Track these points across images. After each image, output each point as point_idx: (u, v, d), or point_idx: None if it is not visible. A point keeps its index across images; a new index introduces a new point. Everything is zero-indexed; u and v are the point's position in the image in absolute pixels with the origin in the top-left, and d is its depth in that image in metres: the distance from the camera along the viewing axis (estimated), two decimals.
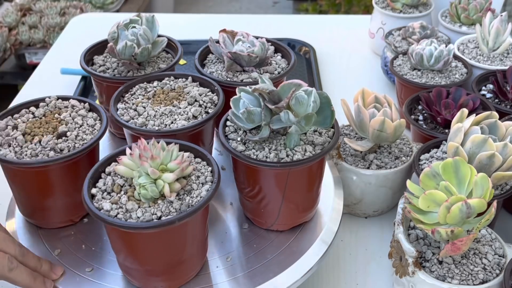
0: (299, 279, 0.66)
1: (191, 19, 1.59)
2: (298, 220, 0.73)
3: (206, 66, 0.87)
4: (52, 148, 0.69)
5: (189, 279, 0.66)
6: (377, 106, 0.79)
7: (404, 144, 0.84)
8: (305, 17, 1.76)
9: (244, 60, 0.81)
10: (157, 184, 0.60)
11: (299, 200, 0.71)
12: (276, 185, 0.68)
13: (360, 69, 1.25)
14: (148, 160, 0.60)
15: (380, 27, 1.24)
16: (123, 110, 0.75)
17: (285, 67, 0.86)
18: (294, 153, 0.67)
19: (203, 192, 0.62)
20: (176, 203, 0.61)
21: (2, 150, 0.69)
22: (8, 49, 2.36)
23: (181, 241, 0.62)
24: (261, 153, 0.67)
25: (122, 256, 0.64)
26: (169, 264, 0.63)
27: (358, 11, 2.81)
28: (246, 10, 3.69)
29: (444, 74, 0.96)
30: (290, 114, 0.64)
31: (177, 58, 0.88)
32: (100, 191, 0.63)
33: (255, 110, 0.65)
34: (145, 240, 0.60)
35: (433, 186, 0.63)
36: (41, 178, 0.69)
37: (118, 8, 2.69)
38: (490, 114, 0.73)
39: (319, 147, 0.68)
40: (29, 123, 0.72)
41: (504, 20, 1.01)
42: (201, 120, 0.73)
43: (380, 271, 0.76)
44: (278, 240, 0.71)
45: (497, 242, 0.68)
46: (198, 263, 0.67)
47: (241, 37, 0.83)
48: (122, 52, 0.82)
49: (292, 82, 0.66)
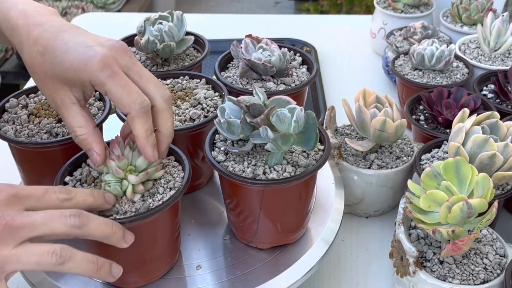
0: (300, 278, 0.66)
1: (193, 19, 1.59)
2: (279, 241, 0.70)
3: (228, 69, 0.86)
4: (48, 131, 0.70)
5: (154, 280, 0.66)
6: (378, 106, 0.79)
7: (405, 144, 0.84)
8: (306, 17, 1.76)
9: (260, 68, 0.80)
10: (122, 183, 0.60)
11: (278, 220, 0.67)
12: (252, 201, 0.66)
13: (361, 69, 1.25)
14: (116, 160, 0.60)
15: (381, 27, 1.24)
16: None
17: (304, 79, 0.83)
18: (271, 171, 0.63)
19: (166, 197, 0.61)
20: (138, 203, 0.61)
21: (6, 126, 0.71)
22: (10, 49, 2.37)
23: (140, 242, 0.61)
24: (239, 166, 0.64)
25: (91, 251, 0.62)
26: (131, 262, 0.62)
27: (359, 11, 2.81)
28: (248, 10, 3.69)
29: (446, 74, 0.96)
30: (269, 131, 0.60)
31: (201, 57, 0.88)
32: (73, 180, 0.63)
33: (234, 122, 0.62)
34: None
35: (434, 186, 0.63)
36: (35, 159, 0.71)
37: (120, 8, 2.69)
38: (491, 114, 0.73)
39: (301, 169, 0.64)
40: (38, 105, 0.75)
41: (505, 20, 1.01)
42: (197, 123, 0.73)
43: (381, 271, 0.76)
44: (254, 258, 0.68)
45: (498, 242, 0.68)
46: (163, 265, 0.66)
47: (264, 45, 0.81)
48: (144, 46, 0.84)
49: (281, 98, 0.63)
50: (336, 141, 0.81)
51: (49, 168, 0.70)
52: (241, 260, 0.69)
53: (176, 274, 0.67)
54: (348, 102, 0.81)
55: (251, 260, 0.68)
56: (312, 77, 0.83)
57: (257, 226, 0.68)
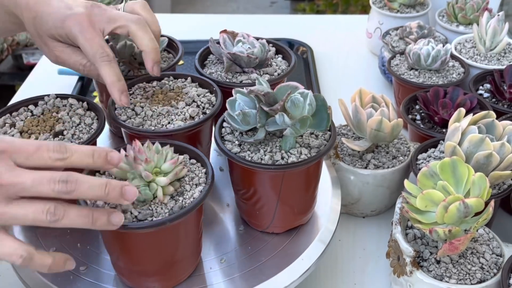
0: (296, 279, 0.66)
1: (189, 19, 1.59)
2: (294, 223, 0.73)
3: (206, 66, 0.87)
4: None
5: (182, 280, 0.66)
6: (374, 106, 0.79)
7: (402, 143, 0.84)
8: (302, 17, 1.76)
9: (244, 61, 0.81)
10: (150, 187, 0.60)
11: (294, 203, 0.70)
12: (271, 188, 0.68)
13: (358, 69, 1.25)
14: (142, 163, 0.60)
15: (377, 27, 1.24)
16: (121, 109, 0.75)
17: (285, 68, 0.86)
18: (289, 155, 0.66)
19: (196, 194, 0.62)
20: (169, 204, 0.61)
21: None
22: (5, 50, 2.36)
23: (174, 242, 0.62)
24: (256, 155, 0.66)
25: (115, 256, 0.64)
26: (162, 265, 0.63)
27: (355, 11, 2.81)
28: (244, 10, 3.69)
29: (442, 73, 0.96)
30: (285, 117, 0.63)
31: (177, 58, 0.88)
32: None
33: (250, 112, 0.65)
34: (137, 241, 0.60)
35: (430, 185, 0.63)
36: None
37: None
38: (487, 114, 0.73)
39: (315, 149, 0.68)
40: (27, 121, 0.72)
41: (501, 19, 1.01)
42: (198, 121, 0.73)
43: (378, 270, 0.76)
44: (274, 242, 0.71)
45: (495, 242, 0.68)
46: (191, 264, 0.67)
47: (242, 38, 0.83)
48: (121, 51, 0.83)
49: (289, 85, 0.65)
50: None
51: None
52: (261, 247, 0.70)
53: (201, 271, 0.68)
54: (345, 102, 0.81)
55: (270, 246, 0.71)
56: (293, 65, 0.85)
57: (275, 211, 0.70)
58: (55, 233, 0.71)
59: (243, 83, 0.81)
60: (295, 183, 0.68)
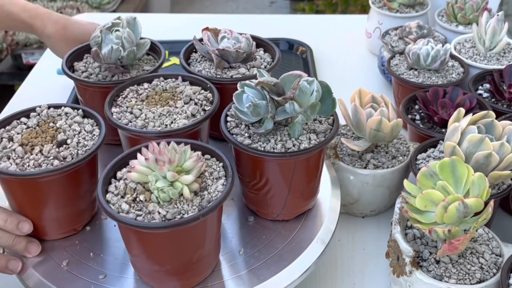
0: (296, 279, 0.66)
1: (188, 19, 1.59)
2: (302, 209, 0.75)
3: (191, 65, 0.87)
4: (55, 156, 0.67)
5: (208, 275, 0.66)
6: (374, 106, 0.79)
7: (401, 143, 0.84)
8: (302, 17, 1.76)
9: (232, 56, 0.82)
10: (175, 186, 0.61)
11: (304, 189, 0.72)
12: (284, 175, 0.70)
13: (357, 69, 1.25)
14: (166, 164, 0.60)
15: (376, 26, 1.24)
16: (119, 114, 0.75)
17: (269, 61, 0.87)
18: (300, 142, 0.68)
19: (219, 187, 0.63)
20: (196, 200, 0.61)
21: (2, 164, 0.66)
22: (5, 50, 2.36)
23: (202, 238, 0.63)
24: (268, 145, 0.68)
25: (142, 258, 0.63)
26: (189, 262, 0.63)
27: (354, 10, 2.81)
28: (243, 10, 3.69)
29: (441, 73, 0.96)
30: (295, 105, 0.65)
31: (162, 59, 0.88)
32: (113, 195, 0.62)
33: (261, 103, 0.66)
34: (168, 239, 0.60)
35: (430, 185, 0.63)
36: (46, 188, 0.67)
37: (115, 9, 2.68)
38: (486, 114, 0.73)
39: (322, 134, 0.70)
40: (24, 134, 0.70)
41: (500, 19, 1.01)
42: (201, 118, 0.74)
43: (378, 270, 0.76)
44: (286, 229, 0.73)
45: (494, 242, 0.68)
46: (214, 258, 0.68)
47: (226, 34, 0.84)
48: (108, 56, 0.82)
49: (292, 74, 0.67)
50: (332, 141, 0.81)
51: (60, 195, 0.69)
52: (275, 235, 0.72)
53: (223, 264, 0.69)
54: (344, 102, 0.81)
55: (284, 233, 0.72)
56: (278, 57, 0.86)
57: (286, 199, 0.72)
58: (64, 245, 0.71)
59: (234, 78, 0.82)
60: (306, 169, 0.71)
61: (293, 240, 0.71)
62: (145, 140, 0.67)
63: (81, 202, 0.71)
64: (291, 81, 0.66)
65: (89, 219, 0.74)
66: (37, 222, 0.70)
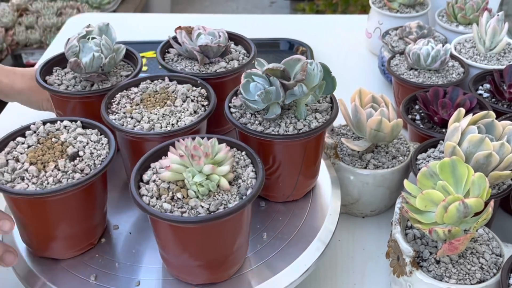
0: (296, 279, 0.66)
1: (188, 19, 1.59)
2: (309, 187, 0.78)
3: (169, 65, 0.86)
4: (74, 170, 0.65)
5: (242, 264, 0.67)
6: (374, 106, 0.79)
7: (401, 143, 0.84)
8: (302, 17, 1.76)
9: (213, 51, 0.83)
10: (211, 178, 0.61)
11: (312, 166, 0.76)
12: (296, 156, 0.72)
13: (357, 69, 1.25)
14: (202, 158, 0.61)
15: (377, 26, 1.24)
16: (119, 120, 0.73)
17: (244, 52, 0.89)
18: (309, 122, 0.71)
19: (251, 174, 0.64)
20: (233, 189, 0.62)
21: (18, 185, 0.63)
22: (5, 50, 2.36)
23: (242, 226, 0.64)
24: (280, 129, 0.70)
25: (185, 255, 0.63)
26: (230, 253, 0.64)
27: (355, 11, 2.81)
28: (243, 10, 3.69)
29: (441, 73, 0.96)
30: (304, 87, 0.68)
31: (139, 63, 0.86)
32: (149, 198, 0.62)
33: (272, 89, 0.68)
34: (216, 231, 0.61)
35: (430, 185, 0.63)
36: (68, 204, 0.66)
37: (115, 9, 2.68)
38: (487, 114, 0.73)
39: (324, 113, 0.73)
40: (30, 153, 0.67)
41: (500, 19, 1.01)
42: (207, 112, 0.74)
43: (378, 271, 0.76)
44: (299, 208, 0.76)
45: (494, 242, 0.68)
46: (246, 248, 0.68)
47: (201, 31, 0.85)
48: (89, 65, 0.79)
49: (292, 58, 0.70)
50: (332, 141, 0.81)
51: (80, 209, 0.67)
52: (290, 215, 0.75)
53: (254, 248, 0.70)
54: (344, 102, 0.81)
55: (298, 212, 0.75)
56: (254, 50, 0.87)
57: (297, 179, 0.75)
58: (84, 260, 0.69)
59: (218, 72, 0.83)
60: (315, 147, 0.74)
61: (308, 217, 0.74)
62: (154, 141, 0.68)
63: (97, 214, 0.70)
64: (292, 65, 0.69)
65: (102, 231, 0.72)
66: (55, 241, 0.68)
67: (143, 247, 0.71)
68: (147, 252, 0.70)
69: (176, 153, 0.62)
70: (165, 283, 0.66)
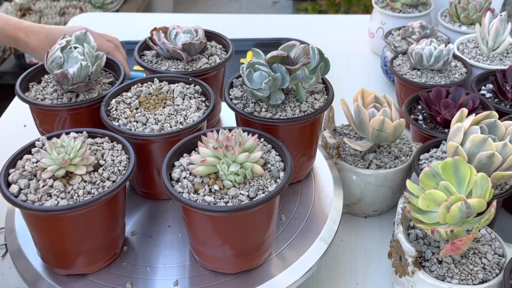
0: (298, 278, 0.66)
1: (191, 19, 1.59)
2: (309, 168, 0.81)
3: (151, 66, 0.85)
4: (101, 179, 0.64)
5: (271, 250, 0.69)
6: (376, 106, 0.79)
7: (404, 143, 0.84)
8: (304, 17, 1.76)
9: (195, 48, 0.84)
10: (245, 166, 0.63)
11: (314, 147, 0.79)
12: (302, 137, 0.76)
13: (360, 69, 1.25)
14: (236, 148, 0.63)
15: (379, 26, 1.24)
16: (125, 125, 0.73)
17: (220, 47, 0.90)
18: (312, 103, 0.74)
19: (277, 157, 0.67)
20: (266, 174, 0.64)
21: (46, 203, 0.61)
22: (8, 49, 2.36)
23: (277, 208, 0.66)
24: (288, 113, 0.73)
25: (226, 246, 0.64)
26: (267, 237, 0.66)
27: (357, 11, 2.81)
28: (246, 10, 3.69)
29: (444, 73, 0.96)
30: (306, 70, 0.71)
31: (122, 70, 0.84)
32: (188, 195, 0.62)
33: (278, 76, 0.71)
34: (260, 215, 0.63)
35: (432, 185, 0.63)
36: (99, 214, 0.64)
37: (118, 8, 2.68)
38: (489, 114, 0.73)
39: (321, 93, 0.77)
40: (38, 168, 0.65)
41: (503, 19, 1.01)
42: (211, 107, 0.75)
43: (380, 270, 0.76)
44: (306, 189, 0.79)
45: (497, 242, 0.68)
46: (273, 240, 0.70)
47: (177, 30, 0.85)
48: (77, 75, 0.77)
49: (288, 45, 0.73)
50: (334, 141, 0.81)
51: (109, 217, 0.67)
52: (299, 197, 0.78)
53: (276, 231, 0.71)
54: (347, 102, 0.81)
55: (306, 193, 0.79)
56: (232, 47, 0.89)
57: (302, 159, 0.78)
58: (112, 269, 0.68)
59: (203, 68, 0.83)
60: (317, 127, 0.77)
61: (318, 194, 0.78)
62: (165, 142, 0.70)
63: (121, 221, 0.70)
64: (288, 51, 0.73)
65: (123, 240, 0.71)
66: (84, 255, 0.66)
67: (168, 248, 0.71)
68: (174, 252, 0.70)
69: (208, 146, 0.63)
70: (203, 277, 0.67)
